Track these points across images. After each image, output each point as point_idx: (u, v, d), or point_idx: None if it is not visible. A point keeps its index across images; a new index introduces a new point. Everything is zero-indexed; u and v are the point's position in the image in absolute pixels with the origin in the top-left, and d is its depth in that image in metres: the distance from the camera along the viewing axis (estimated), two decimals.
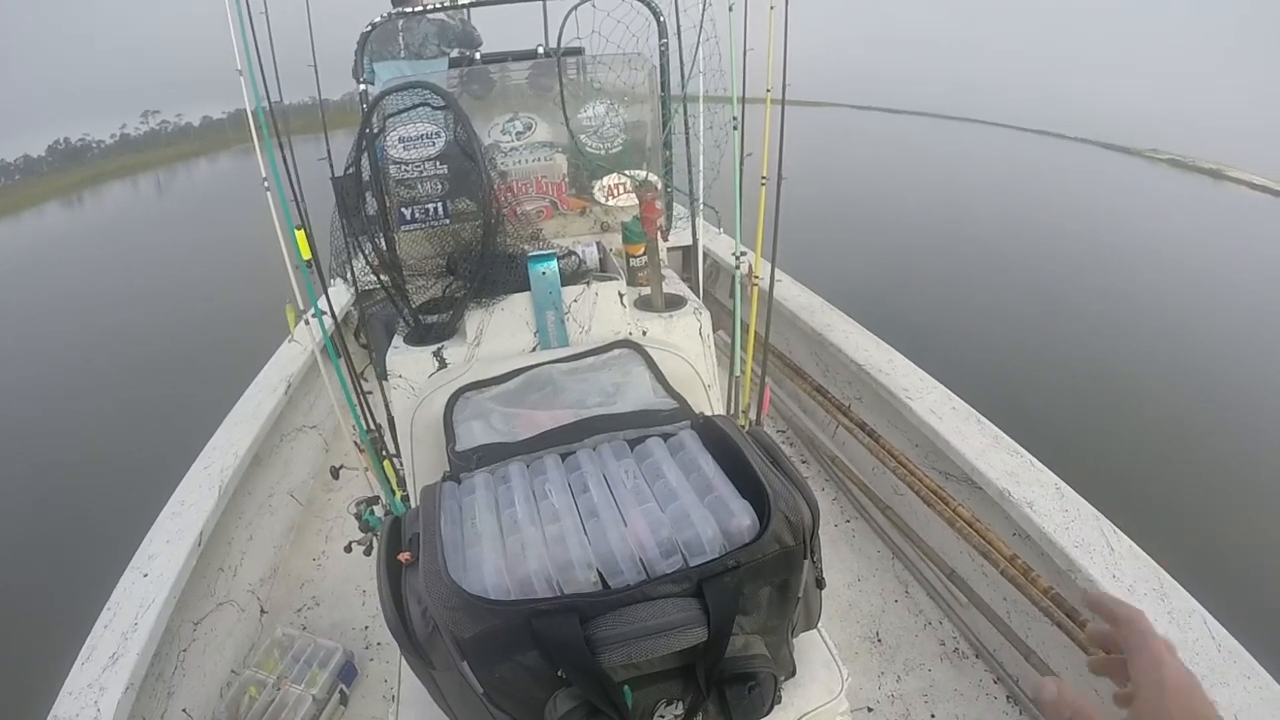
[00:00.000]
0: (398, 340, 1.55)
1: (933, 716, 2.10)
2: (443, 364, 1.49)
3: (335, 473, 2.41)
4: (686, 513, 0.99)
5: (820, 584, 1.15)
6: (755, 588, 0.99)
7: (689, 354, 1.50)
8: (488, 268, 1.43)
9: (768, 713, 1.09)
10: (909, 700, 2.11)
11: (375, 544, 1.92)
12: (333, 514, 2.94)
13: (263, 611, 2.47)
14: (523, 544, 0.94)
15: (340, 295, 3.19)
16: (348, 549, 2.02)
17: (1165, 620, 1.67)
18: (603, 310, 1.50)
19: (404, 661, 1.37)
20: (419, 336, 1.55)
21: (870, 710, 2.06)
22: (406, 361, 1.51)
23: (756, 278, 1.94)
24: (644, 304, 1.63)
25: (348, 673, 2.19)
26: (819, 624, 1.23)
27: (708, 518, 0.97)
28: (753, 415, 2.21)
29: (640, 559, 0.95)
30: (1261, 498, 4.25)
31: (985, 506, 2.21)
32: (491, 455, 1.13)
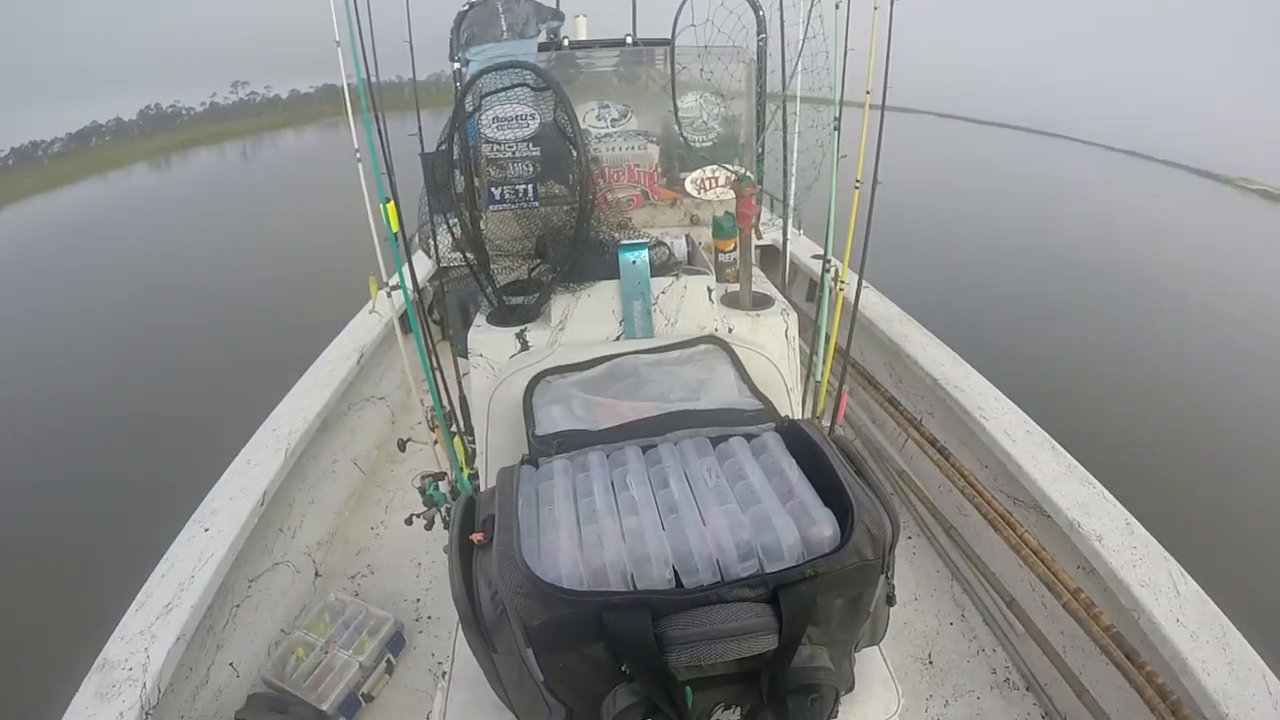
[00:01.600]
0: (480, 319, 1.56)
1: None
2: (525, 346, 1.48)
3: (402, 445, 2.44)
4: (767, 516, 0.97)
5: (891, 601, 1.12)
6: (829, 599, 0.97)
7: (773, 354, 1.47)
8: (579, 252, 1.42)
9: None
10: None
11: (438, 519, 1.95)
12: (394, 485, 2.99)
13: (317, 575, 2.51)
14: (600, 535, 0.93)
15: (420, 271, 3.23)
16: (408, 521, 2.04)
17: (1224, 671, 1.61)
18: (690, 304, 1.48)
19: (460, 639, 1.38)
20: (502, 317, 1.55)
21: None
22: (489, 341, 1.51)
23: (842, 283, 1.89)
24: (731, 301, 1.61)
25: (396, 643, 2.21)
26: (881, 642, 1.20)
27: (789, 523, 0.95)
28: (827, 422, 2.17)
29: (717, 560, 0.93)
30: None
31: (1052, 535, 2.14)
32: (572, 442, 1.12)
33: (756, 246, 2.64)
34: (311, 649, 2.10)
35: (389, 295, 2.51)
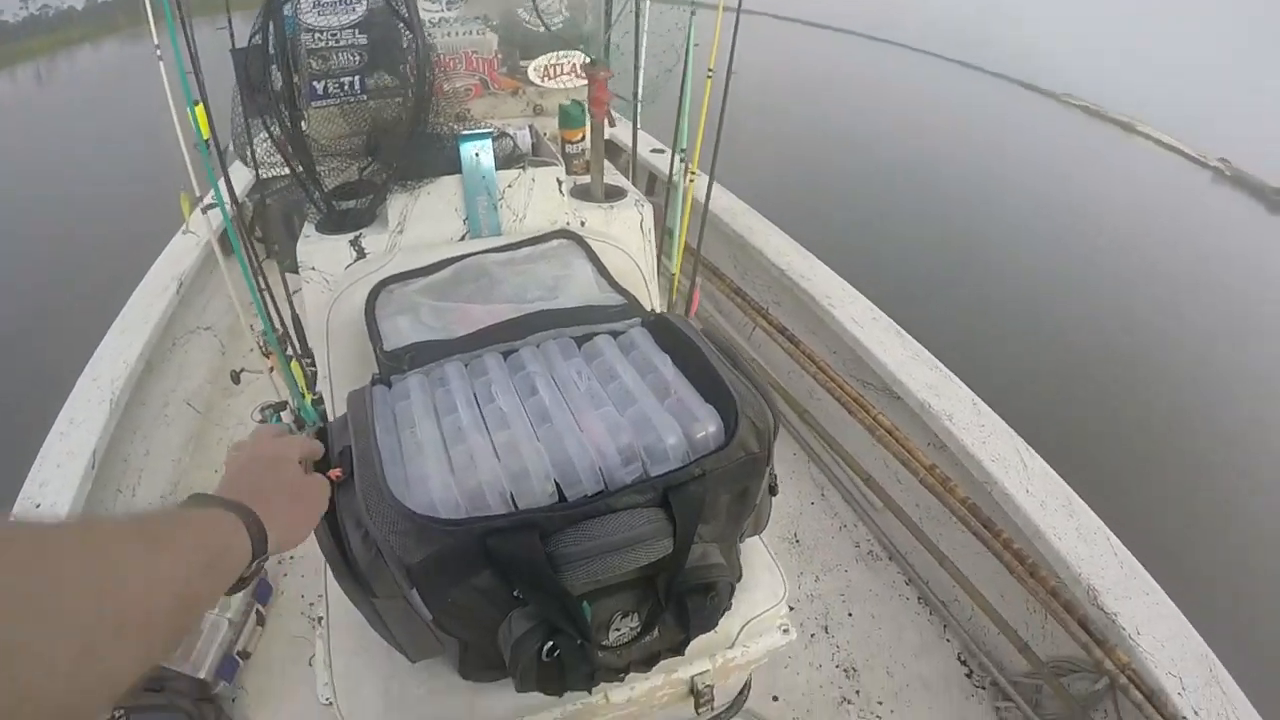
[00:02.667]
0: (309, 229, 1.37)
1: (850, 615, 2.15)
2: (361, 253, 1.33)
3: (236, 377, 2.22)
4: (647, 417, 0.91)
5: (773, 490, 1.10)
6: (717, 496, 0.93)
7: (629, 248, 1.40)
8: (415, 146, 1.27)
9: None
10: (827, 599, 2.16)
11: None
12: (233, 421, 2.75)
13: None
14: (470, 454, 0.84)
15: (238, 184, 2.93)
16: None
17: (1074, 535, 1.75)
18: (539, 197, 1.36)
19: (332, 583, 1.28)
20: (334, 224, 1.37)
21: (791, 609, 2.09)
22: (320, 251, 1.34)
23: (692, 173, 1.83)
24: (581, 193, 1.50)
25: (263, 591, 2.06)
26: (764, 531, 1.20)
27: (671, 423, 0.90)
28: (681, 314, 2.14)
29: (599, 468, 0.87)
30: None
31: (904, 416, 2.24)
32: (426, 355, 1.01)
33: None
34: None
35: (204, 214, 2.24)
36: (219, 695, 1.85)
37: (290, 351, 1.84)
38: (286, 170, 1.48)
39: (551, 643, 0.94)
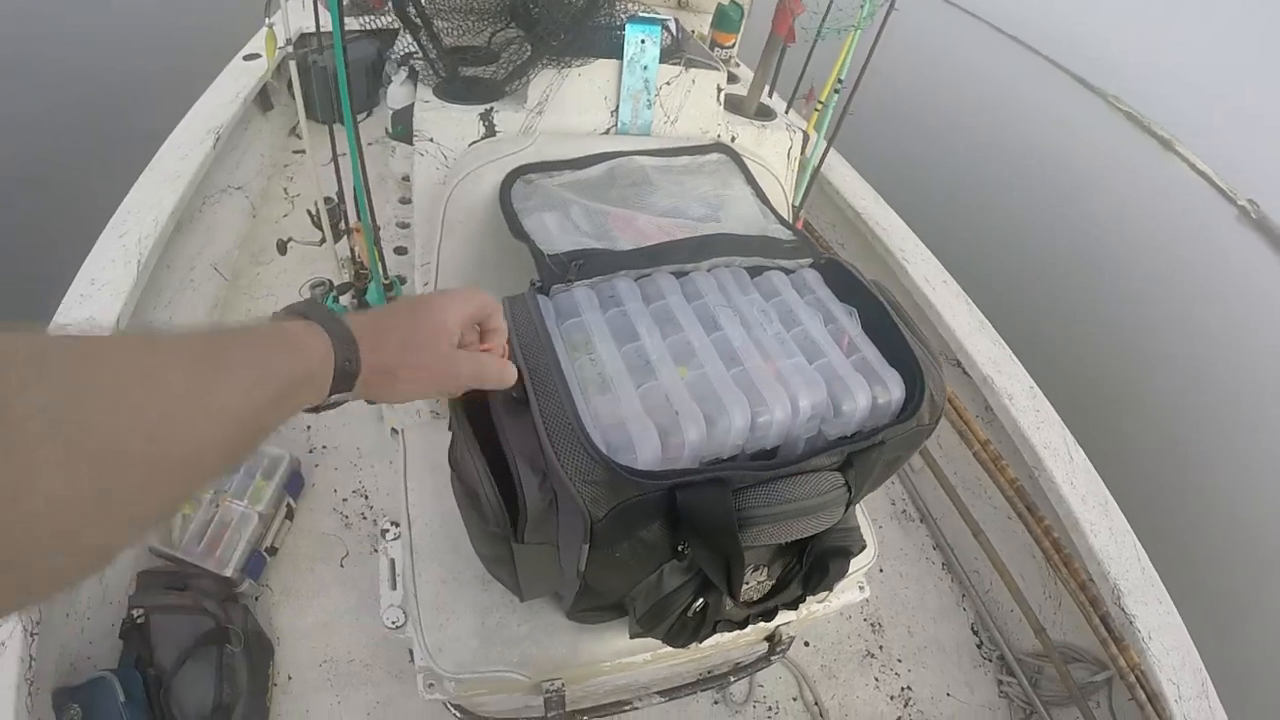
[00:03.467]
0: (424, 92, 1.21)
1: (881, 571, 2.16)
2: (492, 130, 1.18)
3: (283, 247, 2.05)
4: (837, 373, 0.83)
5: None
6: (879, 463, 0.87)
7: (778, 172, 1.29)
8: (588, 16, 1.11)
9: None
10: None
11: None
12: (262, 292, 2.61)
13: None
14: (666, 394, 0.75)
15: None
16: None
17: (1106, 534, 1.78)
18: (695, 102, 1.22)
19: (414, 498, 1.20)
20: (456, 93, 1.20)
21: None
22: (441, 121, 1.17)
23: (819, 104, 1.69)
24: (734, 106, 1.36)
25: (294, 484, 1.98)
26: None
27: (861, 383, 0.82)
28: None
29: (787, 424, 0.79)
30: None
31: (963, 386, 2.20)
32: (595, 265, 0.90)
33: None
34: (199, 504, 1.82)
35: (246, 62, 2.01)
36: (244, 594, 1.80)
37: (345, 224, 1.70)
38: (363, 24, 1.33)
39: (702, 599, 0.89)
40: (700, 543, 0.76)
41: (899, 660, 1.99)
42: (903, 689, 1.94)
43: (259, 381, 0.46)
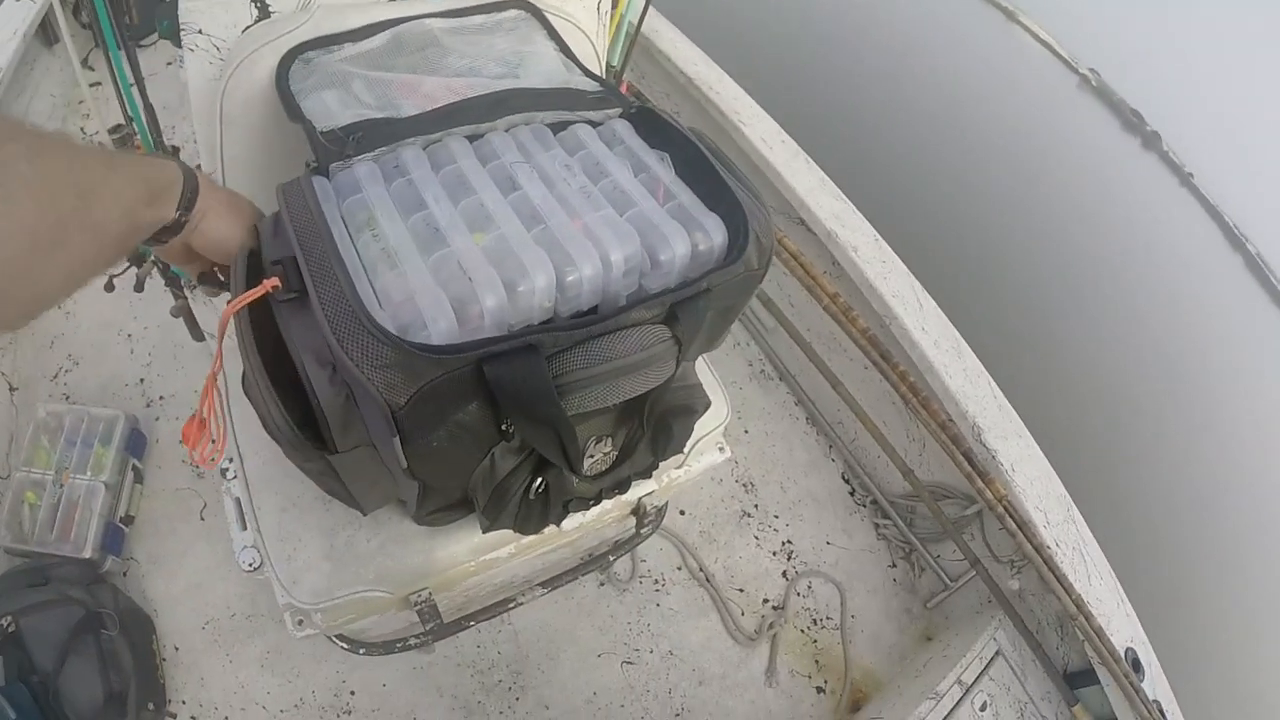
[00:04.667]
0: None
1: (746, 432, 2.20)
2: (265, 12, 1.04)
3: None
4: (651, 222, 0.78)
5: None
6: (708, 312, 0.83)
7: (586, 27, 1.20)
8: None
9: None
10: None
11: (151, 276, 1.52)
12: None
13: (11, 389, 1.97)
14: (458, 260, 0.68)
15: None
16: (108, 287, 1.56)
17: (961, 375, 1.86)
18: None
19: (240, 430, 1.10)
20: None
21: None
22: (207, 8, 1.04)
23: None
24: None
25: (136, 443, 1.84)
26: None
27: (679, 230, 0.77)
28: None
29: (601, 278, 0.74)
30: None
31: (809, 243, 2.21)
32: (375, 137, 0.80)
33: None
34: (42, 488, 1.68)
35: None
36: (109, 573, 1.68)
37: (141, 144, 1.52)
38: None
39: (542, 479, 0.85)
40: (523, 417, 0.71)
41: (776, 516, 2.05)
42: (783, 543, 2.01)
43: (140, 180, 0.62)
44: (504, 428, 0.74)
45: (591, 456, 0.90)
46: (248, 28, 1.06)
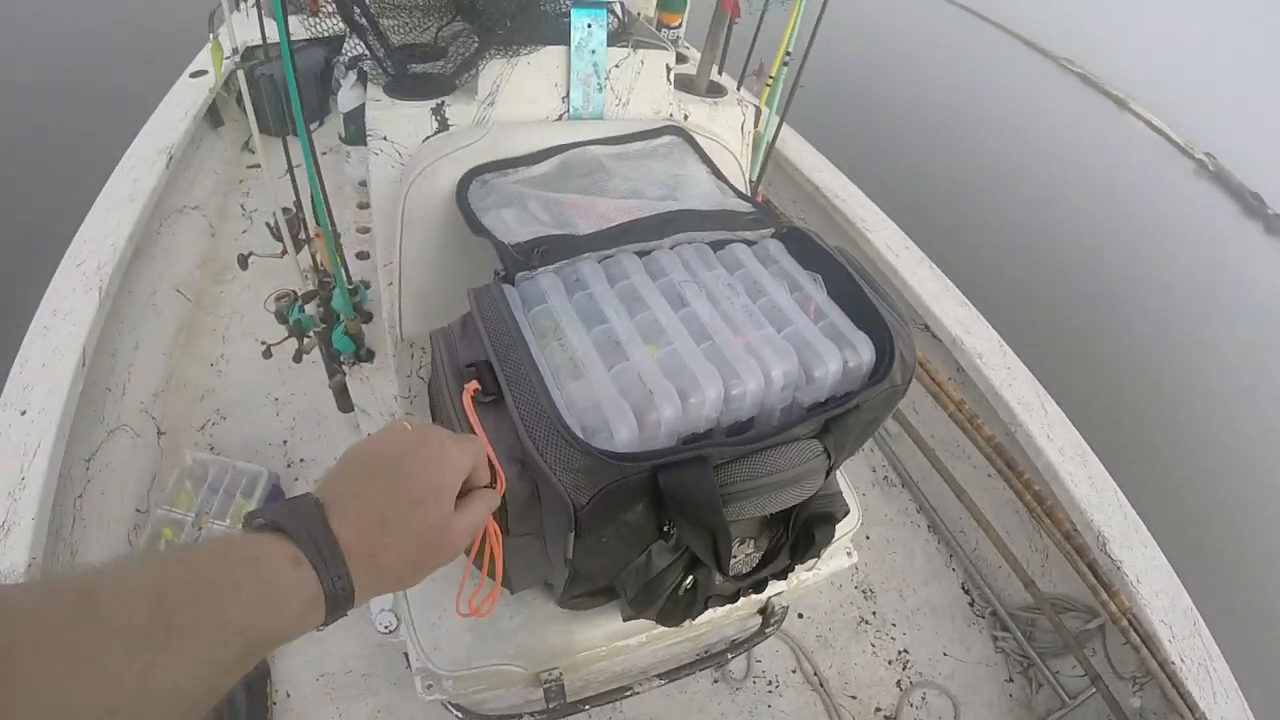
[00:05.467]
0: (376, 92, 1.20)
1: (867, 538, 2.18)
2: (444, 125, 1.16)
3: (244, 261, 2.04)
4: (807, 342, 0.83)
5: None
6: (856, 427, 0.87)
7: (732, 146, 1.29)
8: (524, 4, 1.09)
9: None
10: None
11: (313, 349, 1.65)
12: (226, 310, 2.57)
13: (160, 433, 2.12)
14: (638, 374, 0.75)
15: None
16: (267, 354, 1.71)
17: (1086, 483, 1.82)
18: (645, 82, 1.21)
19: None
20: (407, 90, 1.19)
21: None
22: (394, 119, 1.15)
23: (769, 78, 1.69)
24: (683, 85, 1.36)
25: (275, 499, 1.94)
26: None
27: (832, 349, 0.82)
28: None
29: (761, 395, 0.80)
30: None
31: (934, 349, 2.22)
32: (557, 251, 0.89)
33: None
34: (181, 527, 1.78)
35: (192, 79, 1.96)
36: None
37: (304, 234, 1.67)
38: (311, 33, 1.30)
39: (692, 576, 0.89)
40: (686, 521, 0.76)
41: (893, 624, 2.01)
42: (900, 652, 1.96)
43: (216, 646, 0.39)
44: (664, 528, 0.79)
45: (736, 557, 0.94)
46: (428, 138, 1.17)
